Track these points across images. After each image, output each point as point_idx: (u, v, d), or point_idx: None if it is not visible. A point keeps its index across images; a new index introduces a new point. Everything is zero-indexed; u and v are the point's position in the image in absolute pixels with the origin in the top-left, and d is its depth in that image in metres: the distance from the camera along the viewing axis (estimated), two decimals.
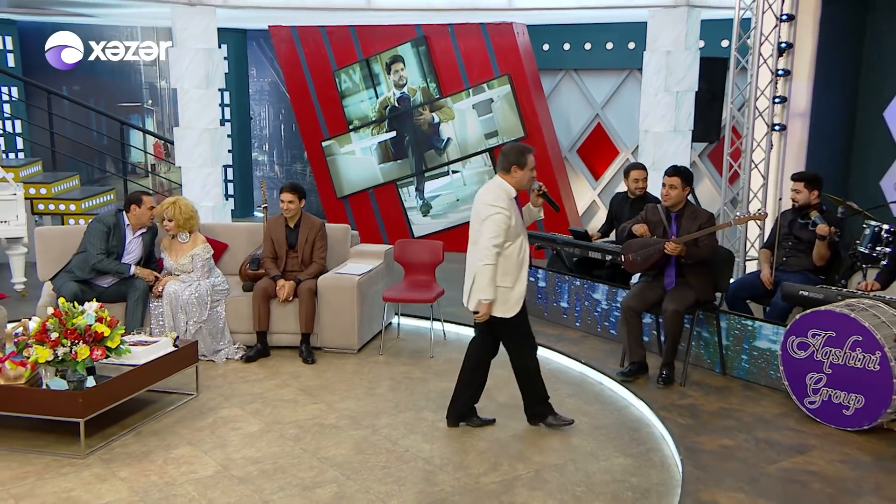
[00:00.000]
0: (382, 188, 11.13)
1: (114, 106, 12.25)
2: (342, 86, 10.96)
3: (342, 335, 6.91)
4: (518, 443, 5.32)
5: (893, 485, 4.69)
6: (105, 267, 6.57)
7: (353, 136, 11.06)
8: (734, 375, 6.36)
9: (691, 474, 4.79)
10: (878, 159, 8.77)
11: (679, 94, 9.06)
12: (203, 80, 8.84)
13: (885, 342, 5.10)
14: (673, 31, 8.96)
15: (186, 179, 9.20)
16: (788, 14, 8.31)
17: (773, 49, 8.42)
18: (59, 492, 4.54)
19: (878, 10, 8.61)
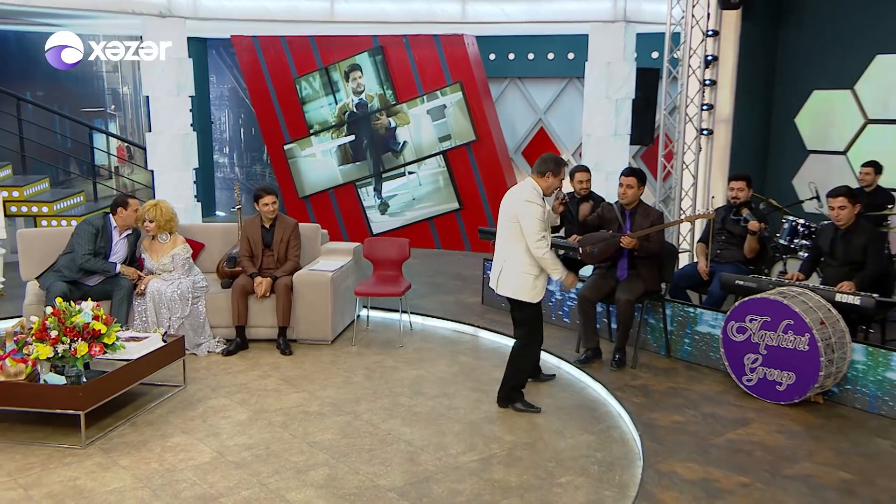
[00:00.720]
0: (342, 188, 11.13)
1: (77, 111, 11.92)
2: (303, 92, 10.92)
3: (317, 328, 6.91)
4: (490, 424, 5.37)
5: (824, 451, 4.88)
6: (92, 266, 6.47)
7: (314, 140, 11.04)
8: (678, 357, 6.49)
9: (649, 448, 4.88)
10: (791, 160, 9.14)
11: (618, 101, 9.28)
12: (174, 88, 8.71)
13: (813, 325, 5.30)
14: (612, 44, 9.16)
15: (159, 182, 9.04)
16: (713, 30, 8.51)
17: (700, 61, 8.62)
18: (64, 480, 4.48)
19: (789, 27, 8.94)
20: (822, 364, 5.26)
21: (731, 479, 4.50)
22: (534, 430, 5.28)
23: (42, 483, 4.46)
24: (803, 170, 9.01)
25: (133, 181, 12.47)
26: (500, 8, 9.32)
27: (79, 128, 11.90)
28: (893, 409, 5.33)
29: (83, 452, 4.83)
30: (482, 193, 10.70)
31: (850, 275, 5.95)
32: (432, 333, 7.39)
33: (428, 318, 7.65)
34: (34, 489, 4.39)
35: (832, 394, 5.61)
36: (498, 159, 10.63)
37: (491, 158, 10.61)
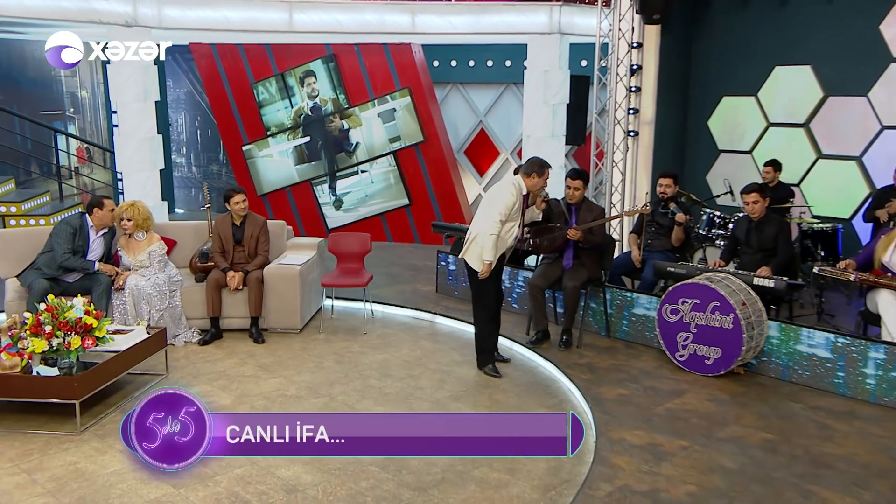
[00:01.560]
0: (298, 186, 11.10)
1: (37, 113, 11.56)
2: (259, 96, 10.85)
3: (287, 317, 6.91)
4: (455, 402, 5.45)
5: (748, 415, 5.15)
6: (71, 264, 6.35)
7: (271, 141, 10.98)
8: (617, 337, 6.65)
9: (600, 418, 5.02)
10: (705, 159, 9.39)
11: (554, 105, 9.51)
12: (141, 94, 8.57)
13: (736, 306, 5.55)
14: (548, 54, 9.38)
15: (127, 183, 8.90)
16: (637, 42, 8.74)
17: (626, 70, 8.84)
18: (65, 465, 4.45)
19: (702, 40, 9.18)
20: (744, 340, 5.53)
21: (673, 442, 4.70)
22: (494, 406, 5.37)
23: (44, 468, 4.42)
24: (715, 167, 9.28)
25: (94, 180, 12.16)
26: (447, 20, 9.44)
27: (38, 130, 11.53)
28: (802, 376, 5.63)
29: (79, 438, 4.78)
30: (430, 190, 10.83)
31: (763, 261, 6.21)
32: (392, 320, 7.43)
33: (388, 306, 7.69)
34: (37, 473, 4.35)
35: (751, 365, 5.87)
36: (444, 158, 10.77)
37: (437, 157, 10.74)
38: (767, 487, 4.19)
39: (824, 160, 8.58)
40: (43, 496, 4.12)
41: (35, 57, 11.63)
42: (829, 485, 4.23)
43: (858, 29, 8.11)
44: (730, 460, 4.50)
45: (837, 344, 5.49)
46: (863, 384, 5.38)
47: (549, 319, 6.71)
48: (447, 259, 8.05)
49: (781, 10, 8.61)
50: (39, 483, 4.24)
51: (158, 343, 5.80)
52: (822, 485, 4.23)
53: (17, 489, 4.19)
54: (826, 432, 4.89)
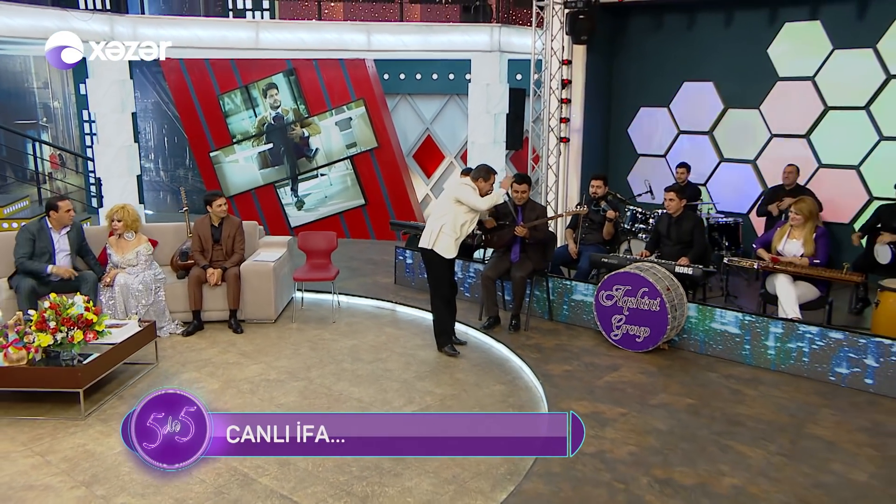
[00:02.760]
0: (263, 189, 11.02)
1: (11, 123, 11.14)
2: (225, 107, 10.72)
3: (262, 309, 6.90)
4: (421, 381, 5.51)
5: (673, 384, 5.38)
6: (27, 267, 6.13)
7: (237, 148, 10.87)
8: (559, 320, 6.78)
9: (549, 392, 5.15)
10: (625, 162, 9.61)
11: (495, 115, 9.69)
12: (119, 106, 8.40)
13: (662, 291, 5.79)
14: (489, 69, 9.55)
15: (107, 188, 8.72)
16: (567, 59, 8.98)
17: (557, 83, 9.06)
18: (75, 447, 4.43)
19: (622, 58, 9.41)
20: (669, 320, 5.79)
21: (613, 410, 4.90)
22: (457, 384, 5.46)
23: (55, 450, 4.40)
24: (635, 169, 9.53)
25: (67, 184, 11.82)
26: (400, 38, 9.52)
27: (13, 138, 11.14)
28: (716, 349, 5.93)
29: (84, 423, 4.76)
30: (384, 191, 10.90)
31: (682, 252, 6.47)
32: (357, 310, 7.44)
33: (352, 297, 7.70)
34: (49, 455, 4.33)
35: (674, 342, 6.12)
36: (396, 162, 10.85)
37: (390, 161, 10.82)
38: (693, 444, 4.44)
39: (725, 163, 8.93)
40: (59, 475, 4.11)
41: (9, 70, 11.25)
42: (741, 439, 4.50)
43: (751, 51, 8.47)
44: (661, 423, 4.73)
45: (744, 321, 5.81)
46: (765, 354, 5.71)
47: (499, 306, 6.80)
48: (404, 254, 8.11)
49: (688, 33, 8.93)
50: (53, 464, 4.23)
51: (149, 335, 5.76)
52: (737, 440, 4.50)
53: (33, 469, 4.18)
54: (737, 396, 5.18)
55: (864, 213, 7.90)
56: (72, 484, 4.01)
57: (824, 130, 8.24)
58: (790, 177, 7.78)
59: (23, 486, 4.00)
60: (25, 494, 3.92)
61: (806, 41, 8.18)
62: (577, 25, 8.64)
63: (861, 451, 4.40)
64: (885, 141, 7.86)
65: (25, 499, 3.88)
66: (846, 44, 7.94)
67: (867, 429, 4.72)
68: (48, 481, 4.05)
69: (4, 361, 4.75)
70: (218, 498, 3.89)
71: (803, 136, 8.36)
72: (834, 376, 5.43)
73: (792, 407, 5.03)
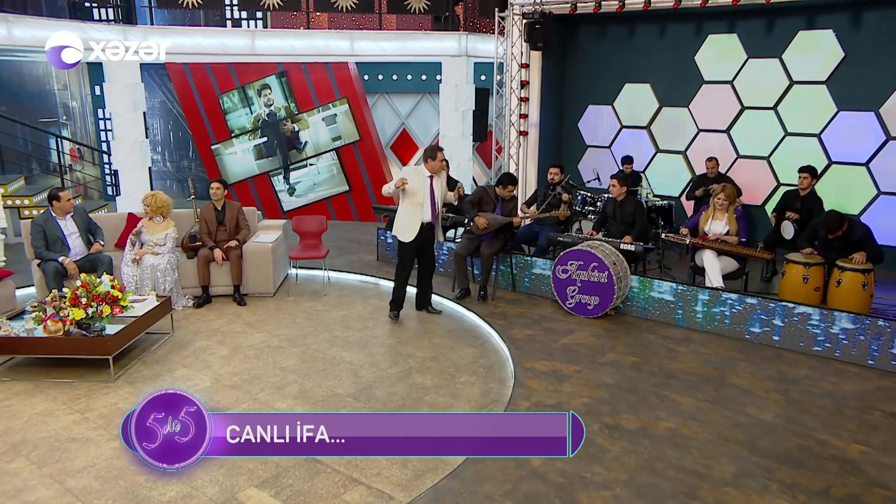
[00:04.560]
0: (258, 178, 10.91)
1: (35, 121, 10.88)
2: (224, 105, 10.55)
3: (262, 284, 6.92)
4: (404, 346, 5.56)
5: (619, 345, 5.50)
6: (45, 256, 6.08)
7: (235, 141, 10.72)
8: (521, 292, 6.85)
9: (515, 353, 5.25)
10: (576, 152, 9.69)
11: (463, 112, 9.71)
12: (132, 106, 8.25)
13: (609, 265, 5.94)
14: (458, 71, 9.55)
15: (123, 179, 8.58)
16: (525, 63, 9.04)
17: (517, 84, 9.12)
18: (108, 405, 4.47)
19: (572, 62, 9.47)
20: (616, 290, 5.95)
21: (569, 368, 5.04)
22: (435, 348, 5.50)
23: (91, 408, 4.44)
24: (584, 159, 9.62)
25: (86, 175, 11.58)
26: (379, 45, 9.47)
27: (38, 134, 10.88)
28: (655, 314, 6.11)
29: (114, 385, 4.80)
30: (366, 178, 10.87)
31: (626, 231, 6.59)
32: (346, 284, 7.45)
33: (340, 272, 7.70)
34: (88, 413, 4.38)
35: (619, 308, 6.28)
36: (376, 153, 10.82)
37: (371, 152, 10.79)
38: (636, 395, 4.63)
39: (661, 154, 9.09)
40: (96, 429, 4.17)
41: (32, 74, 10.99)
42: (676, 390, 4.71)
43: (681, 58, 8.60)
44: (609, 378, 4.89)
45: (678, 290, 6.01)
46: (694, 318, 5.93)
47: (470, 280, 6.87)
48: (385, 234, 8.12)
49: (628, 41, 9.03)
50: (91, 420, 4.28)
51: (165, 308, 5.78)
52: (672, 390, 4.71)
53: (74, 425, 4.23)
54: (672, 353, 5.38)
55: (773, 197, 8.18)
56: (108, 437, 4.08)
57: (741, 127, 8.46)
58: (713, 170, 7.99)
59: (67, 439, 4.05)
60: (70, 445, 3.99)
61: (725, 50, 8.35)
62: (533, 34, 8.70)
63: (769, 396, 4.65)
64: (790, 136, 8.12)
65: (70, 448, 3.95)
66: (758, 53, 8.14)
67: (774, 377, 4.97)
68: (88, 434, 4.11)
69: (44, 333, 4.76)
70: None
71: (724, 131, 8.57)
72: (749, 335, 5.68)
73: (716, 361, 5.24)
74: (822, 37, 7.65)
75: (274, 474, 3.70)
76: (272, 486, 3.61)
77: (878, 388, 4.81)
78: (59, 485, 3.61)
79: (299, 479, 3.67)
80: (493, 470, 3.68)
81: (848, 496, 3.51)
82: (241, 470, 3.73)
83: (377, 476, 3.69)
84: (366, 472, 3.72)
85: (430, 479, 3.65)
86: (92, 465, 3.77)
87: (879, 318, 5.15)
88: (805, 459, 3.85)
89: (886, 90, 7.37)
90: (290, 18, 10.84)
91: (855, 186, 7.64)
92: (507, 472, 3.66)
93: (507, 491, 3.51)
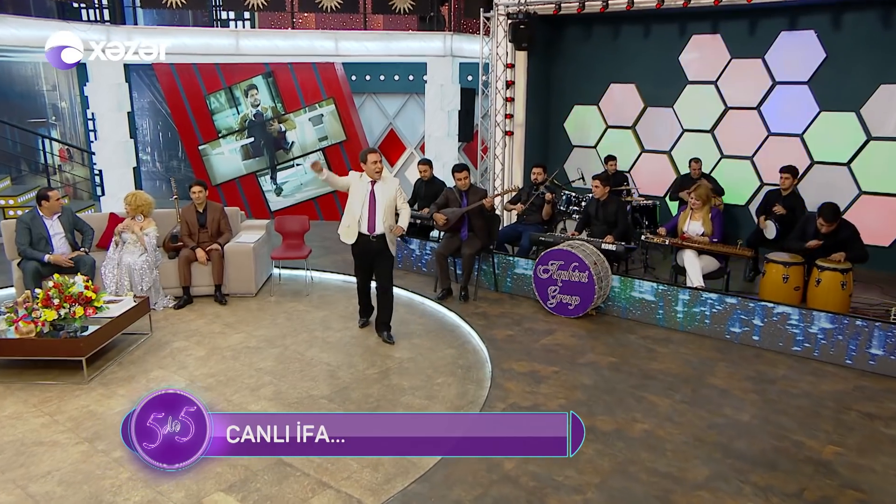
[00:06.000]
0: (246, 178, 10.76)
1: (24, 121, 10.71)
2: (212, 105, 10.41)
3: (244, 284, 6.82)
4: (382, 346, 5.46)
5: (599, 346, 5.45)
6: (29, 255, 5.97)
7: (222, 142, 10.57)
8: (503, 291, 6.78)
9: (493, 354, 5.18)
10: (562, 153, 9.62)
11: (449, 111, 9.61)
12: (115, 106, 8.12)
13: (590, 265, 5.87)
14: (443, 72, 9.44)
15: (107, 179, 8.45)
16: (511, 63, 8.93)
17: (502, 84, 9.00)
18: (80, 408, 4.37)
19: (558, 62, 9.41)
20: (596, 290, 5.88)
21: (547, 369, 4.96)
22: (414, 349, 5.41)
23: (62, 411, 4.34)
24: (570, 159, 9.56)
25: (74, 175, 11.42)
26: (363, 45, 9.36)
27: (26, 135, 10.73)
28: (635, 314, 6.04)
29: (87, 387, 4.70)
30: None
31: (608, 231, 6.53)
32: (329, 284, 7.35)
33: (324, 272, 7.60)
34: (57, 415, 4.28)
35: (601, 308, 6.20)
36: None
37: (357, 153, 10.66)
38: (613, 396, 4.55)
39: (645, 153, 9.03)
40: (64, 432, 4.06)
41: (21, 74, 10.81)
42: (653, 391, 4.63)
43: (665, 58, 8.55)
44: (587, 379, 4.81)
45: (658, 290, 5.94)
46: (675, 318, 5.86)
47: (452, 279, 6.80)
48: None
49: (613, 42, 8.97)
50: (60, 423, 4.18)
51: (143, 309, 5.67)
52: (649, 391, 4.63)
53: (42, 427, 4.13)
54: (651, 353, 5.31)
55: (756, 196, 8.12)
56: (76, 440, 3.97)
57: (725, 127, 8.40)
58: (697, 171, 7.93)
59: (34, 442, 3.95)
60: (36, 449, 3.88)
61: (709, 51, 8.30)
62: (518, 34, 8.61)
63: (747, 397, 4.58)
64: (773, 136, 8.06)
65: (36, 453, 3.84)
66: (740, 54, 8.08)
67: (752, 377, 4.90)
68: (56, 438, 4.00)
69: (16, 334, 4.65)
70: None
71: (708, 131, 8.51)
72: (729, 335, 5.61)
73: (695, 361, 5.18)
74: (805, 37, 7.59)
75: (242, 478, 3.60)
76: (239, 490, 3.51)
77: (855, 388, 4.74)
78: (21, 490, 3.50)
79: (267, 483, 3.57)
80: (465, 473, 3.59)
81: (821, 498, 3.44)
82: (208, 474, 3.62)
83: (347, 480, 3.60)
84: (336, 475, 3.63)
85: (401, 483, 3.56)
86: (56, 470, 3.67)
87: (857, 318, 5.08)
88: (780, 461, 3.78)
89: (867, 91, 7.32)
90: (278, 19, 10.73)
91: (837, 186, 7.58)
92: (478, 475, 3.58)
93: (478, 495, 3.42)
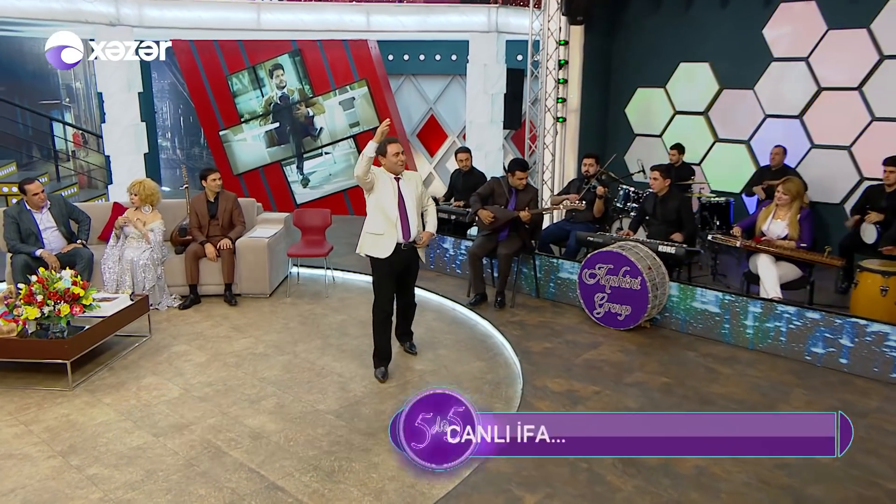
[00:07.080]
0: (270, 167, 10.86)
1: (36, 103, 11.06)
2: (234, 87, 10.54)
3: (257, 284, 6.81)
4: (403, 356, 5.34)
5: (651, 363, 5.21)
6: (19, 249, 6.07)
7: (245, 127, 10.70)
8: (545, 298, 6.61)
9: (527, 369, 5.00)
10: (623, 142, 9.35)
11: (493, 95, 9.41)
12: (125, 86, 8.25)
13: (643, 270, 5.61)
14: (487, 50, 9.25)
15: (115, 166, 8.61)
16: (564, 40, 8.66)
17: (555, 64, 8.74)
18: (59, 417, 4.37)
19: (620, 39, 9.14)
20: (650, 299, 5.60)
21: (587, 388, 4.73)
22: (438, 360, 5.31)
23: (39, 420, 4.34)
24: (632, 149, 9.29)
25: (88, 163, 11.75)
26: (398, 19, 9.25)
27: (38, 118, 11.08)
28: (697, 329, 5.73)
29: (71, 394, 4.70)
30: None
31: (668, 231, 6.25)
32: (352, 285, 7.29)
33: (347, 273, 7.54)
34: (33, 425, 4.27)
35: (656, 320, 5.94)
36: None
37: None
38: None
39: (720, 143, 8.65)
40: (38, 444, 4.05)
41: (33, 52, 11.12)
42: None
43: (746, 33, 8.16)
44: (633, 401, 4.56)
45: (724, 300, 5.60)
46: (743, 333, 5.52)
47: (488, 283, 6.64)
48: None
49: (685, 14, 8.62)
50: (35, 433, 4.17)
51: (141, 308, 5.70)
52: None
53: (14, 438, 4.12)
54: (712, 375, 5.00)
55: (854, 193, 7.59)
56: (49, 453, 3.95)
57: (817, 111, 7.90)
58: (776, 158, 7.51)
59: (3, 455, 3.94)
60: (4, 463, 3.86)
61: (800, 21, 7.82)
62: (573, 5, 8.32)
63: None
64: (877, 122, 7.51)
65: (3, 467, 3.82)
66: (840, 23, 7.58)
67: (836, 408, 4.49)
68: (27, 450, 3.99)
69: None
70: (188, 470, 3.79)
71: (796, 116, 8.03)
72: (810, 356, 5.21)
73: (765, 386, 4.84)
74: None
75: (228, 502, 3.49)
76: None
77: None
78: None
79: None
80: None
81: None
82: (190, 497, 3.53)
83: None
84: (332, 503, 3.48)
85: None
86: (22, 487, 3.64)
87: None
88: None
89: None
90: None
91: None
92: None
93: None
